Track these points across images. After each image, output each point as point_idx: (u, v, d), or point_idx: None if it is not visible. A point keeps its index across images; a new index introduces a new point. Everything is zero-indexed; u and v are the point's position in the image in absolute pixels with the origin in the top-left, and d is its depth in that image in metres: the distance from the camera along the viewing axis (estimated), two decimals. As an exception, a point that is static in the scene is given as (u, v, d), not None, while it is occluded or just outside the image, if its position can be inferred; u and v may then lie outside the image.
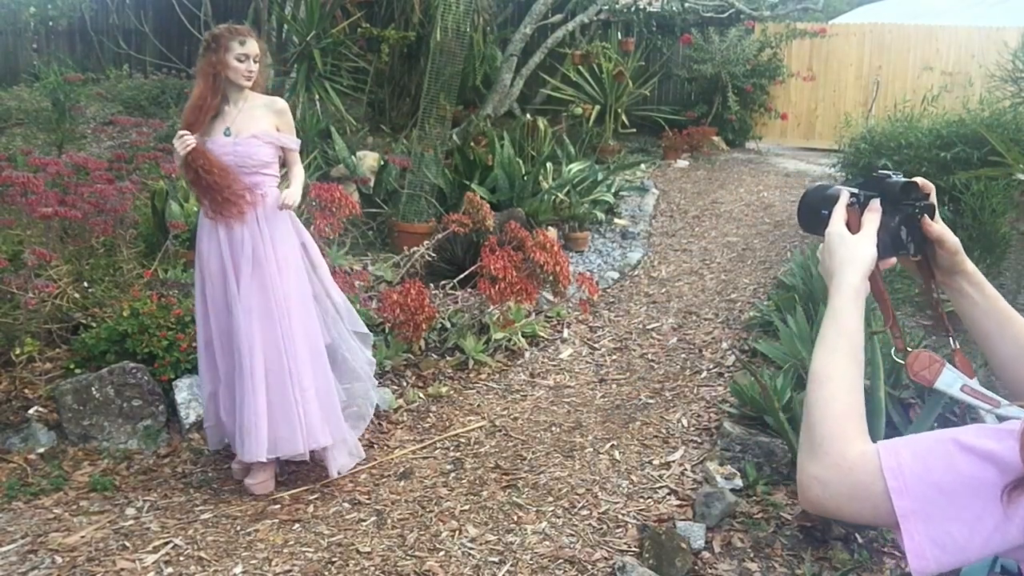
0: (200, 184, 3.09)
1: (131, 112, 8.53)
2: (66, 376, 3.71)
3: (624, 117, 10.01)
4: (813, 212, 1.18)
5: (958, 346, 1.12)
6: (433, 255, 5.35)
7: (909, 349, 1.09)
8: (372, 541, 2.93)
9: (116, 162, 5.35)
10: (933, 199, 1.14)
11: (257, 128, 3.16)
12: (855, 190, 1.14)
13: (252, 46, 3.13)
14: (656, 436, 3.73)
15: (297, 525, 3.05)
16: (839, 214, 1.13)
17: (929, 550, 0.90)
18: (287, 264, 3.18)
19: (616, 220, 7.13)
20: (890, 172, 1.14)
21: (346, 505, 3.21)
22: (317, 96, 7.13)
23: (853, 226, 1.11)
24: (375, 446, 3.71)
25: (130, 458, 3.53)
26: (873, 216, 1.11)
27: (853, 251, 1.08)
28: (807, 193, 1.21)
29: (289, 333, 3.16)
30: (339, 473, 3.36)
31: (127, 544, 2.90)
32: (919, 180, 1.13)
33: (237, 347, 3.16)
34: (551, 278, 4.58)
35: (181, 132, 3.07)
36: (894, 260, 1.14)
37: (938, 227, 1.13)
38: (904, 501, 0.88)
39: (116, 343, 3.75)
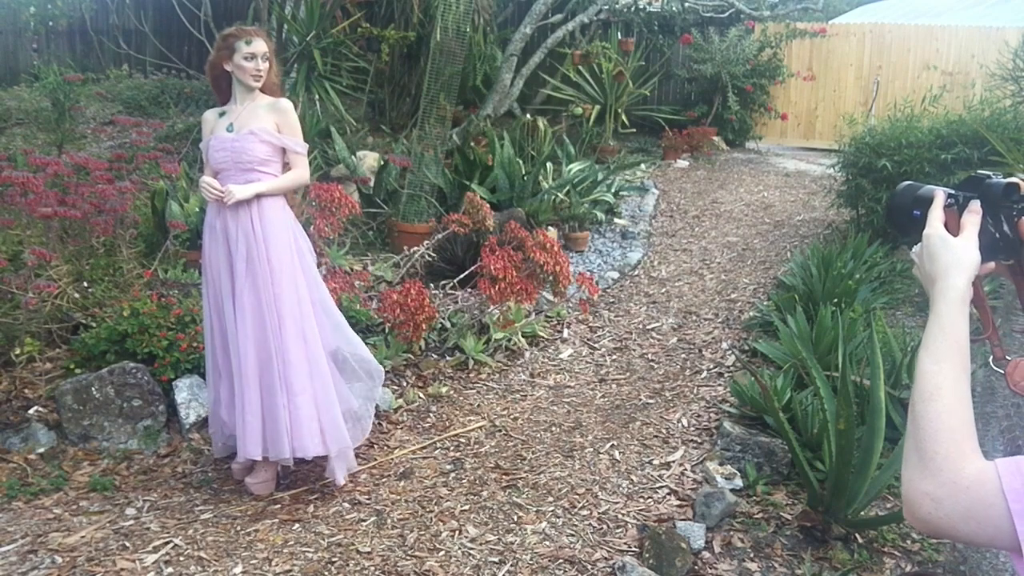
0: None
1: (131, 112, 8.53)
2: (66, 376, 3.71)
3: (624, 117, 10.02)
4: (904, 213, 1.13)
5: None
6: (433, 255, 5.35)
7: (1008, 358, 1.04)
8: (372, 541, 2.93)
9: (116, 162, 5.34)
10: None
11: (256, 125, 3.16)
12: (951, 190, 1.10)
13: (258, 45, 3.14)
14: (656, 436, 3.73)
15: (297, 525, 3.05)
16: (937, 215, 1.08)
17: None
18: (280, 265, 3.17)
19: (616, 220, 7.13)
20: (989, 173, 1.10)
21: (346, 505, 3.21)
22: (317, 96, 7.13)
23: (952, 228, 1.06)
24: (375, 446, 3.71)
25: (130, 458, 3.53)
26: (974, 218, 1.05)
27: (958, 255, 1.03)
28: (896, 193, 1.16)
29: (278, 335, 3.14)
30: (345, 478, 3.32)
31: (127, 544, 2.90)
32: (1019, 181, 1.08)
33: (233, 347, 3.17)
34: (551, 278, 4.59)
35: (216, 186, 3.12)
36: (993, 265, 1.08)
37: None
38: None
39: (116, 343, 3.75)
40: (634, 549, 2.87)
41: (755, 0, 11.22)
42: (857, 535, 2.94)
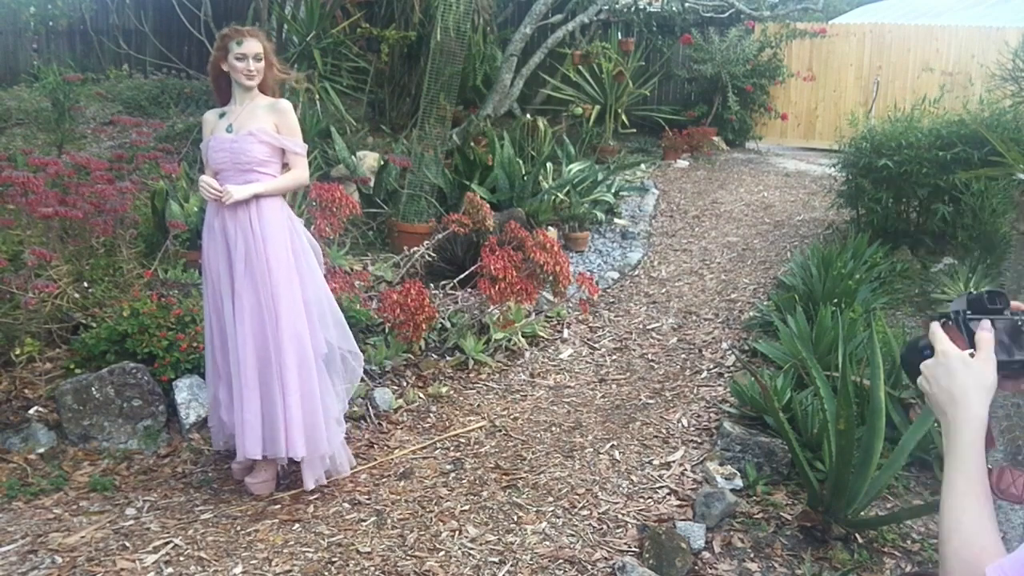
0: None
1: (131, 112, 8.52)
2: (66, 376, 3.71)
3: (624, 117, 10.01)
4: (919, 358, 1.10)
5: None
6: (433, 255, 5.35)
7: (990, 467, 1.02)
8: (372, 541, 2.93)
9: (116, 162, 5.34)
10: None
11: (255, 126, 3.16)
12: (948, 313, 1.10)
13: (250, 45, 3.14)
14: (656, 436, 3.73)
15: (297, 525, 3.05)
16: (943, 335, 1.05)
17: None
18: (278, 265, 3.17)
19: (616, 220, 7.13)
20: (975, 292, 1.10)
21: (346, 505, 3.21)
22: (317, 96, 7.13)
23: (958, 347, 1.05)
24: (375, 446, 3.71)
25: (130, 458, 3.53)
26: (988, 336, 1.03)
27: (979, 376, 1.00)
28: (904, 354, 1.16)
29: (276, 334, 3.14)
30: (316, 483, 3.29)
31: (127, 544, 2.90)
32: (1001, 291, 1.09)
33: (232, 346, 3.17)
34: (551, 278, 4.59)
35: (214, 185, 3.12)
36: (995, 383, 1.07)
37: None
38: None
39: (116, 343, 3.75)
40: (634, 549, 2.87)
41: (755, 0, 11.21)
42: (857, 535, 2.94)
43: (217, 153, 3.17)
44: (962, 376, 1.01)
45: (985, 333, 1.04)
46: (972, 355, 1.03)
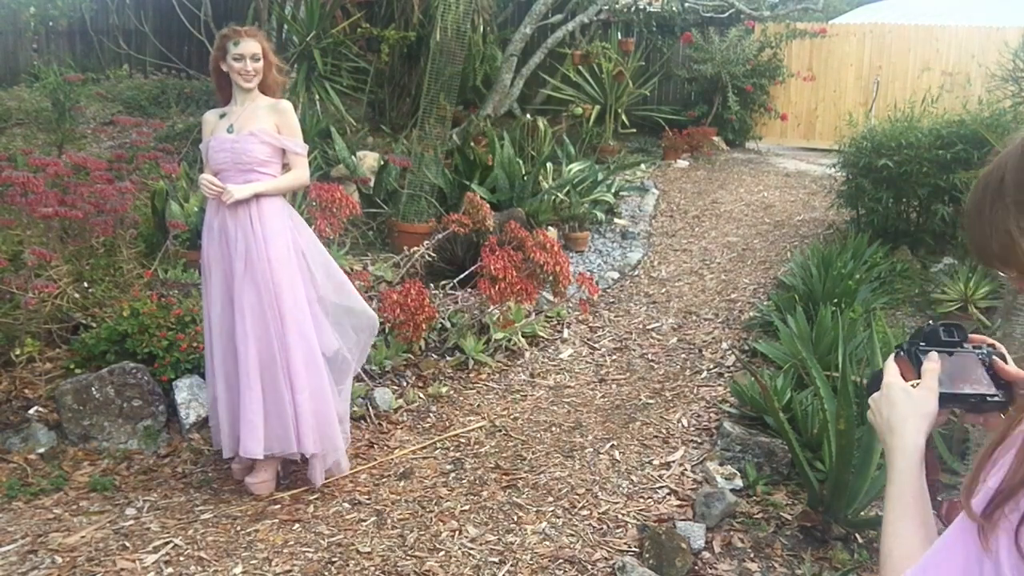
0: None
1: (131, 112, 8.52)
2: (66, 376, 3.71)
3: (624, 117, 10.01)
4: (877, 390, 1.13)
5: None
6: (433, 255, 5.35)
7: (940, 498, 1.04)
8: (372, 541, 2.93)
9: (116, 162, 5.34)
10: (1000, 347, 1.10)
11: (256, 126, 3.16)
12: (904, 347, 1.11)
13: (247, 46, 3.13)
14: (656, 436, 3.73)
15: (297, 525, 3.05)
16: (893, 367, 1.07)
17: None
18: (280, 264, 3.17)
19: (616, 220, 7.13)
20: (932, 324, 1.11)
21: (346, 505, 3.21)
22: (317, 96, 7.13)
23: (906, 378, 1.07)
24: (375, 446, 3.71)
25: (130, 458, 3.53)
26: (934, 367, 1.05)
27: (919, 406, 1.02)
28: (867, 385, 1.18)
29: (281, 333, 3.15)
30: (324, 479, 3.32)
31: (127, 544, 2.90)
32: (959, 323, 1.10)
33: (234, 346, 3.17)
34: (551, 278, 4.58)
35: (215, 183, 3.12)
36: (944, 417, 1.07)
37: (1015, 369, 1.07)
38: None
39: (116, 343, 3.75)
40: (634, 549, 2.87)
41: (755, 0, 11.21)
42: (857, 535, 2.94)
43: (218, 153, 3.17)
44: (901, 406, 1.03)
45: (930, 364, 1.05)
46: (915, 386, 1.05)
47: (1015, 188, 0.81)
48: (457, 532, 2.99)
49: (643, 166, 8.98)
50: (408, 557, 2.83)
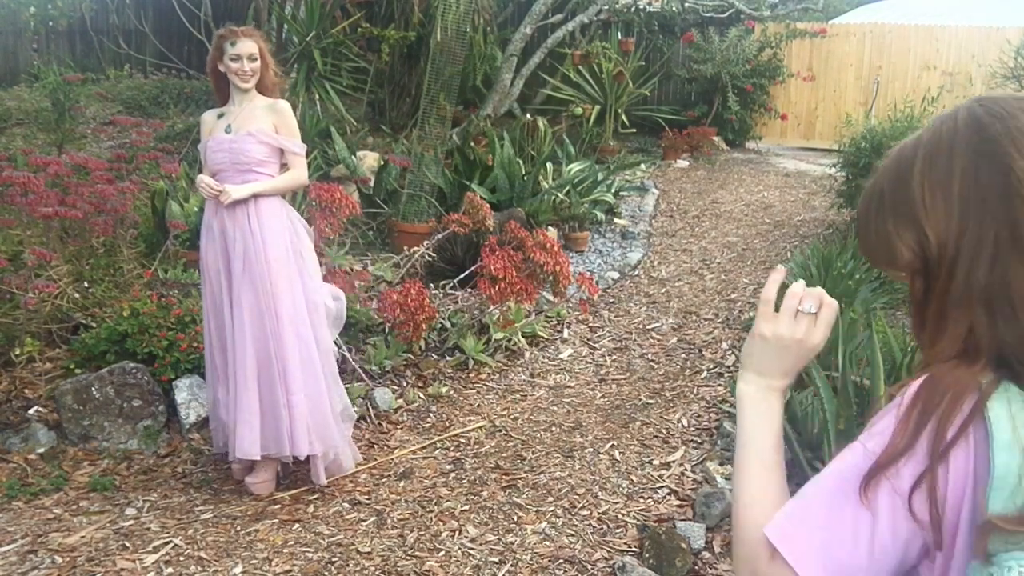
0: None
1: (131, 112, 8.52)
2: (66, 376, 3.71)
3: (624, 117, 10.01)
4: None
5: None
6: (433, 255, 5.35)
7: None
8: (372, 541, 2.93)
9: (116, 162, 5.34)
10: None
11: (254, 126, 3.16)
12: None
13: (244, 46, 3.13)
14: (656, 436, 3.72)
15: (297, 525, 3.05)
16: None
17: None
18: (278, 265, 3.16)
19: (616, 220, 7.13)
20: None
21: (346, 505, 3.21)
22: (317, 96, 7.12)
23: None
24: (375, 446, 3.71)
25: (130, 458, 3.53)
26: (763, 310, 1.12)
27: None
28: None
29: (277, 333, 3.14)
30: (325, 480, 3.32)
31: (127, 544, 2.90)
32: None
33: (231, 346, 3.17)
34: (551, 278, 4.58)
35: (213, 184, 3.11)
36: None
37: None
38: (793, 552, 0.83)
39: (116, 343, 3.75)
40: (634, 549, 2.87)
41: (755, 0, 11.21)
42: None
43: (216, 154, 3.17)
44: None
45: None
46: None
47: (891, 195, 0.89)
48: (457, 532, 2.99)
49: (643, 166, 8.98)
50: (408, 557, 2.83)
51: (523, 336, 4.73)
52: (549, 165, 7.08)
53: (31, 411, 3.61)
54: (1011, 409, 0.76)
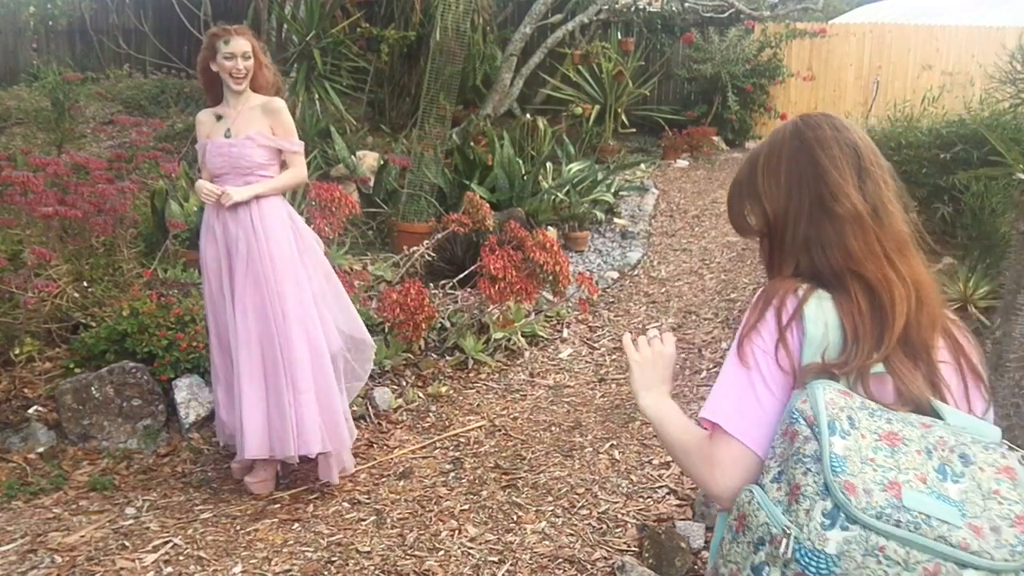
0: None
1: (131, 112, 8.52)
2: (66, 376, 3.71)
3: (624, 117, 10.00)
4: None
5: None
6: (433, 255, 5.35)
7: None
8: (372, 541, 2.93)
9: (116, 162, 5.34)
10: None
11: (252, 130, 3.15)
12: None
13: (237, 44, 3.11)
14: (656, 436, 3.72)
15: (297, 525, 3.05)
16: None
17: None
18: (282, 263, 3.16)
19: (616, 220, 7.13)
20: None
21: (346, 505, 3.21)
22: (317, 96, 7.12)
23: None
24: (375, 446, 3.71)
25: (130, 458, 3.53)
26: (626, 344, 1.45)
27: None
28: None
29: (284, 332, 3.14)
30: (338, 479, 3.33)
31: (127, 544, 2.90)
32: None
33: (234, 345, 3.16)
34: (551, 278, 4.58)
35: (213, 188, 3.11)
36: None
37: None
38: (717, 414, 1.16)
39: (116, 343, 3.75)
40: (634, 549, 2.87)
41: (755, 0, 11.21)
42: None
43: (216, 158, 3.16)
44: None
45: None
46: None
47: (745, 183, 1.28)
48: (457, 531, 2.99)
49: (643, 166, 8.98)
50: (408, 556, 2.83)
51: (523, 336, 4.74)
52: (549, 165, 7.08)
53: (31, 410, 3.61)
54: (820, 303, 1.15)
